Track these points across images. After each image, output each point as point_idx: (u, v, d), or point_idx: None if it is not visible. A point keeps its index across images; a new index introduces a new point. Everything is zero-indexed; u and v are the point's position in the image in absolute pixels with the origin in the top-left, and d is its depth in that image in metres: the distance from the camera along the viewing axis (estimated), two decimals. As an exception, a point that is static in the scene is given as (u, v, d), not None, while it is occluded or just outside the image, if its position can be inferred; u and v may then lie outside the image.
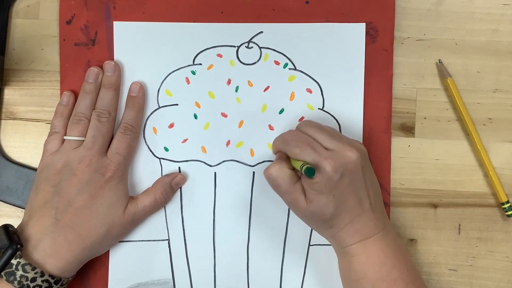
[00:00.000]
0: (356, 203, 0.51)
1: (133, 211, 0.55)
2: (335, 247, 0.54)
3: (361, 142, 0.58)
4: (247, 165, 0.58)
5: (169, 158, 0.58)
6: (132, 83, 0.58)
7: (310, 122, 0.54)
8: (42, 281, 0.50)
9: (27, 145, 0.60)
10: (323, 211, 0.50)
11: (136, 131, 0.57)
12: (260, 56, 0.59)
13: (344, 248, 0.51)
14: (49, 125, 0.57)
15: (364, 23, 0.58)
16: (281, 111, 0.58)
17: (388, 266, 0.50)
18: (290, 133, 0.53)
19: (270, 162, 0.58)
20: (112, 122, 0.56)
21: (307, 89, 0.58)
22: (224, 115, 0.58)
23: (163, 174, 0.58)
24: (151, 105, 0.59)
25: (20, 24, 0.60)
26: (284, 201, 0.54)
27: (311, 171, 0.48)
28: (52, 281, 0.50)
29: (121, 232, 0.56)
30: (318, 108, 0.58)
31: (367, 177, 0.52)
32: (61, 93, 0.58)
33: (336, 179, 0.49)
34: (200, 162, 0.58)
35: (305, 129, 0.53)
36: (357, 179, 0.51)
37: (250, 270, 0.58)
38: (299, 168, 0.49)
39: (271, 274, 0.58)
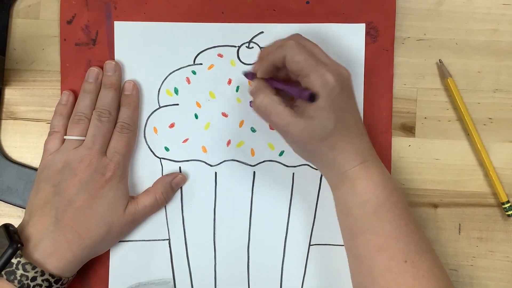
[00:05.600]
0: (353, 122, 0.51)
1: (133, 211, 0.55)
2: (334, 175, 0.52)
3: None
4: (247, 165, 0.58)
5: (169, 158, 0.59)
6: (125, 82, 0.58)
7: (302, 36, 0.53)
8: (42, 281, 0.50)
9: (28, 145, 0.60)
10: (325, 126, 0.49)
11: (133, 129, 0.57)
12: (261, 56, 0.59)
13: (347, 172, 0.50)
14: (50, 125, 0.57)
15: (364, 24, 0.58)
16: (282, 111, 0.58)
17: (389, 189, 0.50)
18: (290, 41, 0.50)
19: (271, 162, 0.58)
20: (113, 122, 0.56)
21: (307, 89, 0.58)
22: (224, 114, 0.58)
23: (163, 174, 0.58)
24: (152, 105, 0.59)
25: (20, 24, 0.60)
26: (277, 130, 0.52)
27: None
28: (52, 280, 0.50)
29: (121, 232, 0.56)
30: (319, 108, 0.58)
31: (355, 100, 0.53)
32: (62, 93, 0.58)
33: (337, 92, 0.48)
34: (200, 162, 0.58)
35: (302, 41, 0.51)
36: (351, 98, 0.51)
37: (251, 270, 0.58)
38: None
39: (272, 274, 0.58)
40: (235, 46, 0.59)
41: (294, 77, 0.51)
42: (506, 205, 0.57)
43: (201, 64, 0.59)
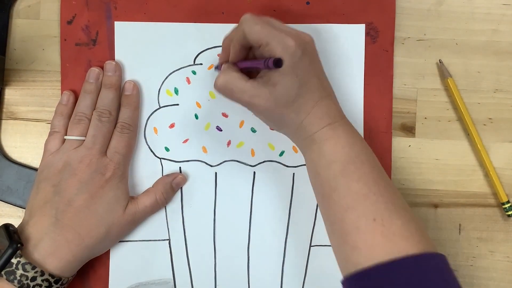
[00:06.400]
0: (318, 85, 0.50)
1: (133, 211, 0.55)
2: (302, 139, 0.52)
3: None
4: (247, 165, 0.58)
5: (169, 158, 0.59)
6: (126, 82, 0.58)
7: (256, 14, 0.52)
8: (42, 281, 0.50)
9: (28, 145, 0.60)
10: (289, 91, 0.49)
11: (133, 129, 0.57)
12: (261, 56, 0.59)
13: (314, 134, 0.50)
14: (50, 125, 0.57)
15: (364, 24, 0.58)
16: (282, 111, 0.58)
17: (357, 148, 0.50)
18: (245, 15, 0.50)
19: (271, 162, 0.58)
20: (113, 122, 0.56)
21: (307, 89, 0.58)
22: (224, 115, 0.58)
23: (163, 174, 0.58)
24: (152, 105, 0.59)
25: (20, 24, 0.60)
26: (243, 105, 0.52)
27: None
28: (52, 280, 0.50)
29: (121, 232, 0.56)
30: (319, 108, 0.58)
31: (321, 63, 0.53)
32: (62, 93, 0.58)
33: (299, 55, 0.48)
34: (200, 162, 0.58)
35: (259, 16, 0.51)
36: (315, 61, 0.51)
37: (251, 271, 0.58)
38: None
39: (272, 274, 0.58)
40: (235, 46, 0.59)
41: (257, 50, 0.51)
42: (506, 205, 0.57)
43: (201, 64, 0.59)
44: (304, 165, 0.58)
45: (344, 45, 0.59)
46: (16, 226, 0.53)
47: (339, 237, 0.49)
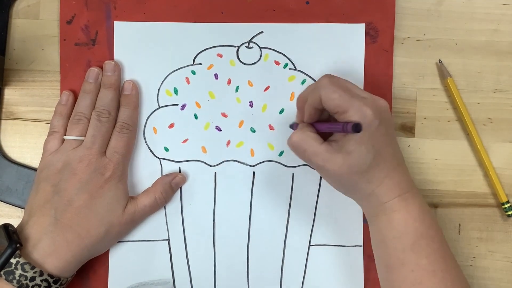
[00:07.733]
0: (391, 155, 0.50)
1: (132, 211, 0.55)
2: (371, 207, 0.51)
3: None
4: (247, 165, 0.58)
5: (169, 158, 0.58)
6: (125, 82, 0.58)
7: (333, 75, 0.52)
8: (41, 281, 0.50)
9: (27, 145, 0.60)
10: (364, 160, 0.48)
11: (133, 129, 0.57)
12: (260, 56, 0.59)
13: (385, 204, 0.49)
14: (49, 125, 0.57)
15: (364, 24, 0.58)
16: (281, 111, 0.58)
17: (427, 223, 0.49)
18: (323, 80, 0.49)
19: (270, 162, 0.58)
20: (112, 122, 0.56)
21: (307, 89, 0.58)
22: (224, 115, 0.58)
23: (163, 174, 0.58)
24: (151, 105, 0.59)
25: (20, 24, 0.60)
26: (313, 166, 0.51)
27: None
28: (51, 280, 0.50)
29: (121, 232, 0.56)
30: (318, 108, 0.58)
31: (394, 129, 0.52)
32: (61, 93, 0.58)
33: (376, 125, 0.48)
34: (200, 162, 0.58)
35: (336, 79, 0.50)
36: (390, 129, 0.50)
37: (250, 270, 0.58)
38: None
39: (271, 274, 0.58)
40: (234, 46, 0.59)
41: (333, 116, 0.50)
42: (506, 205, 0.57)
43: (200, 64, 0.59)
44: (304, 165, 0.58)
45: (344, 45, 0.58)
46: (16, 226, 0.53)
47: None
